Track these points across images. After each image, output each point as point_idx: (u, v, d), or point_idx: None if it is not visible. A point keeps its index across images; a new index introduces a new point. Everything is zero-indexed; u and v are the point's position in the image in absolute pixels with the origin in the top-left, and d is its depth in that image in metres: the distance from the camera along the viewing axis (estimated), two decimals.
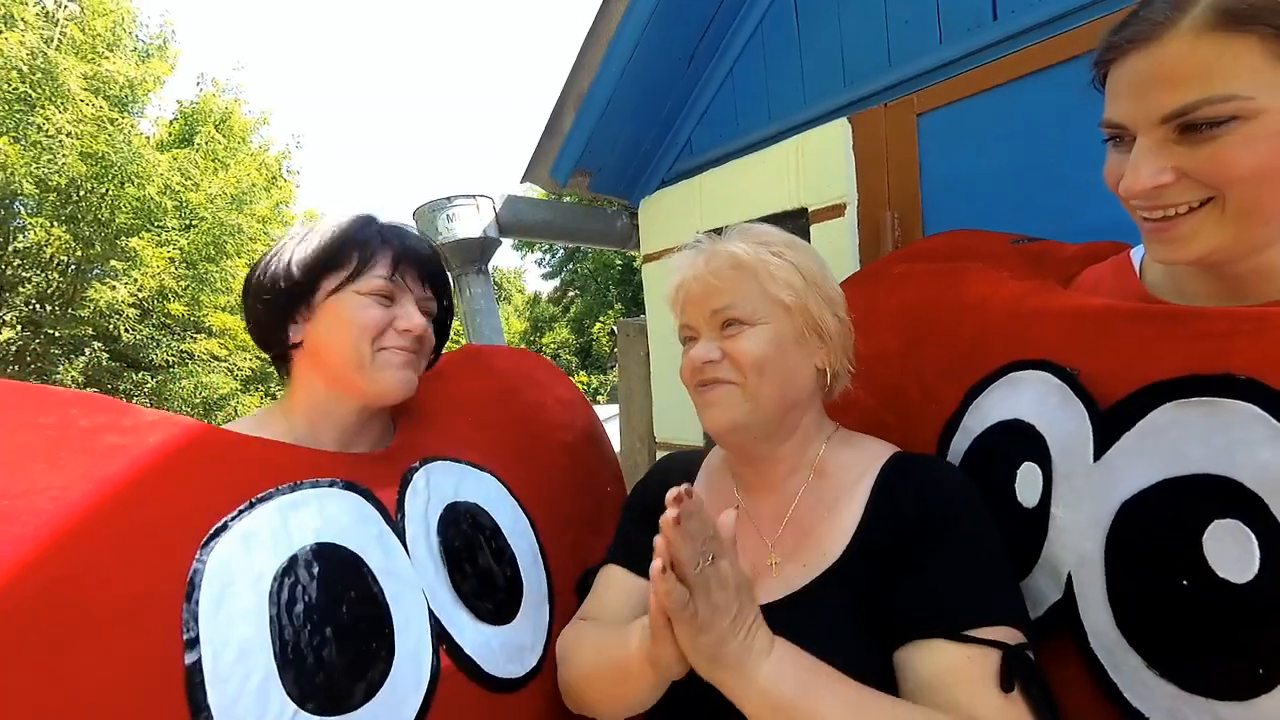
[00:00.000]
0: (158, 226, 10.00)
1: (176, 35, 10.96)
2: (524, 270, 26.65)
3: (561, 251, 18.80)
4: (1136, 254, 0.76)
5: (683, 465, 0.90)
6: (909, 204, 1.42)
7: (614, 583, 0.83)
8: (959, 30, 1.36)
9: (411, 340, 0.81)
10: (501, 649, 0.79)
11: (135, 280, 9.62)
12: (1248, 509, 0.51)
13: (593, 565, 0.89)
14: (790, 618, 0.66)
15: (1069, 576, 0.63)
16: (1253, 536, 0.51)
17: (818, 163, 1.58)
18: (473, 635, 0.77)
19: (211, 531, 0.64)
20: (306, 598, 0.65)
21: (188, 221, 10.49)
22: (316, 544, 0.68)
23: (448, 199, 1.93)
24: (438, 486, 0.83)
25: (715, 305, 0.73)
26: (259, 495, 0.68)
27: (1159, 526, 0.57)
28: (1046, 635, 0.65)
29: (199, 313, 11.00)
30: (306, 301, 0.79)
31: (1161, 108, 0.55)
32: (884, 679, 0.61)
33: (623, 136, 1.96)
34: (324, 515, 0.71)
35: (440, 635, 0.73)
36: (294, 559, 0.66)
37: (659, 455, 1.82)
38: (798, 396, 0.74)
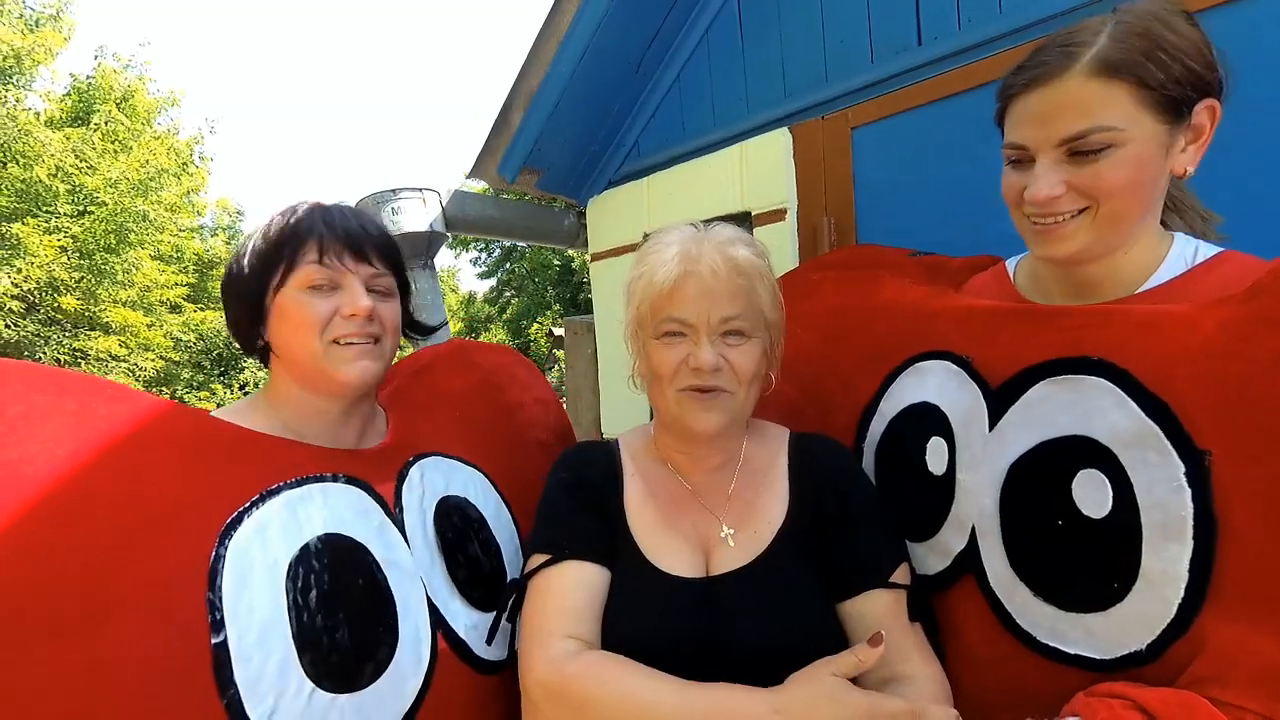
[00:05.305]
0: (47, 212, 9.09)
1: (72, 5, 9.98)
2: (458, 269, 25.88)
3: (498, 250, 18.37)
4: (1010, 264, 0.91)
5: (603, 452, 0.89)
6: (844, 210, 1.53)
7: (582, 583, 0.75)
8: (888, 52, 1.48)
9: (359, 324, 0.79)
10: (488, 634, 0.83)
11: (20, 270, 8.71)
12: (1103, 460, 0.65)
13: (518, 578, 0.80)
14: (761, 578, 0.76)
15: (972, 529, 0.76)
16: (1107, 481, 0.65)
17: (760, 169, 1.66)
18: (464, 620, 0.81)
19: (229, 521, 0.67)
20: (320, 584, 0.69)
21: (82, 207, 9.58)
22: (325, 534, 0.72)
23: (393, 191, 1.89)
24: (431, 481, 0.87)
25: (726, 313, 0.75)
26: (268, 489, 0.71)
27: (1039, 480, 0.70)
28: (955, 578, 0.77)
29: (95, 308, 10.05)
30: (259, 304, 0.79)
31: (1059, 133, 0.68)
32: (833, 618, 0.75)
33: (572, 136, 1.99)
34: (329, 508, 0.74)
35: (437, 620, 0.78)
36: (305, 548, 0.69)
37: None
38: (756, 403, 0.83)
